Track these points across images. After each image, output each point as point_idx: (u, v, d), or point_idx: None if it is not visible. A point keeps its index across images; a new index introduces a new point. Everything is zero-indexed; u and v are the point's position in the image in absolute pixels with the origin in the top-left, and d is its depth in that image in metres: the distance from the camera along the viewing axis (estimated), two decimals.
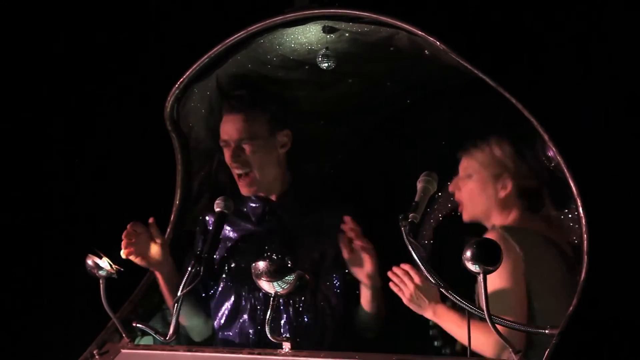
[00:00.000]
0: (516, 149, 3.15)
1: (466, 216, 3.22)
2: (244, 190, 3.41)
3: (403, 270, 3.10)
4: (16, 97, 4.18)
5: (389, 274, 3.14)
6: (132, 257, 3.28)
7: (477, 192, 3.17)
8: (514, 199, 3.14)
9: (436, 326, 3.16)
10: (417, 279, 3.08)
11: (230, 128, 3.37)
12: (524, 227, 3.06)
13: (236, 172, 3.39)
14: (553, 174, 3.11)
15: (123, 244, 3.27)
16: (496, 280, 2.87)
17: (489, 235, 3.01)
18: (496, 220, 3.15)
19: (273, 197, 3.46)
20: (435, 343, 3.27)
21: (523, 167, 3.14)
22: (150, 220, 3.33)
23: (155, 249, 3.32)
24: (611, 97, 3.24)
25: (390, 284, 3.14)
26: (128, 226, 3.29)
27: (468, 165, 3.20)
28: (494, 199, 3.15)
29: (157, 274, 3.39)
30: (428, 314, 3.09)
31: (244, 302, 3.39)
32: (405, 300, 3.11)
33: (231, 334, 3.39)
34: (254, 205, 3.46)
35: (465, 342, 2.98)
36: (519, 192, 3.14)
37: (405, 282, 3.09)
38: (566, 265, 3.02)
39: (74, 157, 4.19)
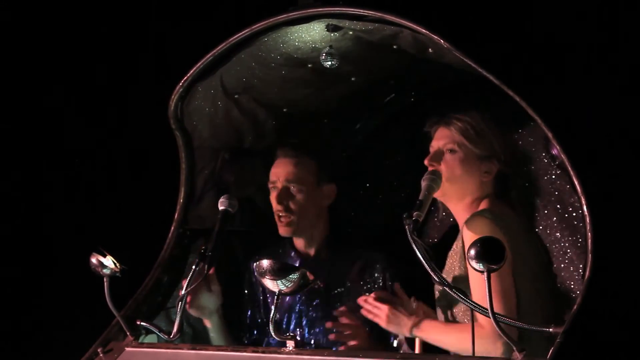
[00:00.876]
0: (502, 128, 3.11)
1: (438, 193, 3.09)
2: (282, 231, 3.48)
3: (373, 297, 3.13)
4: (17, 96, 4.19)
5: (360, 301, 3.17)
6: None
7: (459, 168, 3.09)
8: (491, 184, 3.12)
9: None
10: (389, 301, 3.12)
11: (280, 171, 3.48)
12: (504, 212, 3.04)
13: (278, 213, 3.46)
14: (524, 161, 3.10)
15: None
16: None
17: (475, 221, 2.98)
18: (465, 205, 3.10)
19: (311, 253, 3.51)
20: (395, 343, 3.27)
21: (506, 152, 3.11)
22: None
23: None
24: (613, 96, 3.23)
25: (363, 312, 3.16)
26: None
27: (450, 136, 3.11)
28: (476, 181, 3.10)
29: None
30: (409, 331, 3.09)
31: None
32: (383, 324, 3.12)
33: None
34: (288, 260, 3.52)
35: (450, 348, 3.00)
36: (497, 177, 3.11)
37: (378, 306, 3.11)
38: (545, 253, 3.02)
39: (76, 156, 4.19)
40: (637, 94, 3.22)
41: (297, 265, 3.45)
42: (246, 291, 3.59)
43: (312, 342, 3.41)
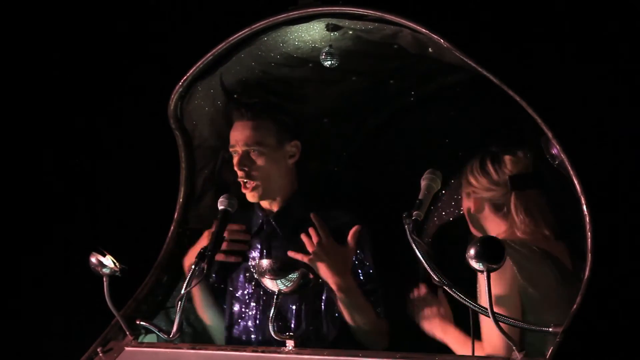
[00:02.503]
0: (479, 164, 3.13)
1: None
2: (249, 197, 3.40)
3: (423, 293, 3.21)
4: (17, 96, 4.19)
5: (412, 296, 3.24)
6: None
7: (484, 228, 3.17)
8: (485, 211, 3.13)
9: None
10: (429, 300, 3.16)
11: (238, 135, 3.38)
12: (519, 239, 3.05)
13: (242, 179, 3.39)
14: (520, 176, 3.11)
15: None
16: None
17: None
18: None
19: (274, 208, 3.44)
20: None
21: (483, 182, 3.12)
22: None
23: None
24: (614, 96, 3.23)
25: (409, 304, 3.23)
26: None
27: (465, 205, 3.22)
28: (498, 219, 3.13)
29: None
30: (438, 334, 3.16)
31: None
32: (420, 320, 3.19)
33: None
34: (254, 219, 3.46)
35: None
36: (488, 204, 3.13)
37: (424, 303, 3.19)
38: (560, 275, 3.01)
39: (76, 155, 4.19)
40: (637, 94, 3.22)
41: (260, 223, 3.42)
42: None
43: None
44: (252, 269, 3.36)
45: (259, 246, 3.42)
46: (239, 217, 3.44)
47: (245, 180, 3.37)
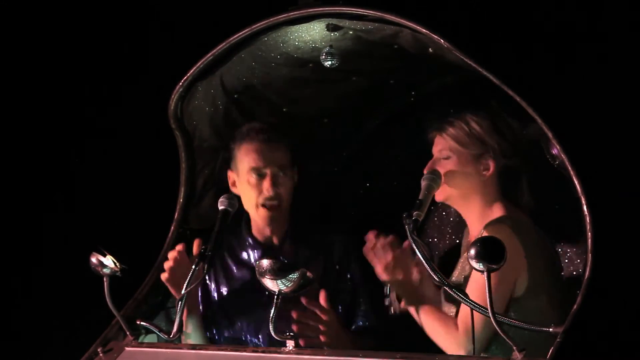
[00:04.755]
0: (494, 123, 3.09)
1: (441, 195, 3.11)
2: (269, 222, 3.39)
3: (385, 241, 3.06)
4: (17, 96, 4.19)
5: (370, 236, 3.09)
6: (167, 282, 3.31)
7: (457, 172, 3.09)
8: (495, 182, 3.10)
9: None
10: (397, 251, 3.04)
11: (266, 156, 3.37)
12: (522, 220, 3.04)
13: (268, 202, 3.37)
14: (531, 152, 3.09)
15: (166, 265, 3.29)
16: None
17: (498, 227, 2.98)
18: (475, 208, 3.10)
19: (275, 241, 3.44)
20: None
21: (503, 144, 3.09)
22: (195, 245, 3.31)
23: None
24: (614, 96, 3.23)
25: (366, 250, 3.09)
26: (177, 249, 3.31)
27: (444, 144, 3.12)
28: (476, 181, 3.10)
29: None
30: (400, 290, 3.08)
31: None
32: (379, 269, 3.06)
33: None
34: (253, 251, 3.46)
35: (428, 332, 3.00)
36: (500, 174, 3.10)
37: (384, 252, 3.05)
38: (554, 263, 3.02)
39: (77, 155, 4.19)
40: (638, 94, 3.22)
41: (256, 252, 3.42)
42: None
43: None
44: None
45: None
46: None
47: (273, 203, 3.37)
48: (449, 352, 2.90)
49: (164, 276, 3.31)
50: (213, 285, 3.47)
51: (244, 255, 3.47)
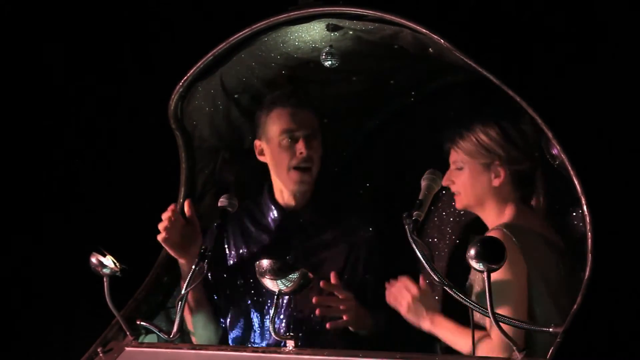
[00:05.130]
0: (502, 132, 3.10)
1: (459, 204, 3.17)
2: (299, 187, 3.38)
3: (400, 283, 3.12)
4: (17, 96, 4.19)
5: (387, 285, 3.16)
6: (165, 243, 3.29)
7: (469, 182, 3.13)
8: (508, 187, 3.11)
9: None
10: (414, 290, 3.09)
11: (301, 120, 3.35)
12: (525, 225, 3.05)
13: (303, 164, 3.36)
14: (543, 154, 3.09)
15: (161, 226, 3.27)
16: (498, 283, 2.86)
17: (493, 234, 3.00)
18: (491, 211, 3.12)
19: (298, 207, 3.43)
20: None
21: (512, 152, 3.10)
22: (187, 205, 3.31)
23: (188, 236, 3.31)
24: (614, 96, 3.23)
25: (387, 297, 3.15)
26: (170, 209, 3.29)
27: (457, 157, 3.15)
28: (488, 188, 3.11)
29: (182, 262, 3.37)
30: (426, 324, 3.09)
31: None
32: (403, 311, 3.12)
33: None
34: (274, 215, 3.46)
35: (463, 351, 2.99)
36: (512, 179, 3.11)
37: (402, 294, 3.11)
38: (564, 267, 3.02)
39: (77, 155, 4.19)
40: (638, 93, 3.22)
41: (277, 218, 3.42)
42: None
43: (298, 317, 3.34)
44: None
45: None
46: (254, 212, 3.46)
47: (305, 165, 3.35)
48: None
49: (160, 237, 3.28)
50: (233, 251, 3.46)
51: (265, 221, 3.46)
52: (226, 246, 3.48)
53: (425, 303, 3.10)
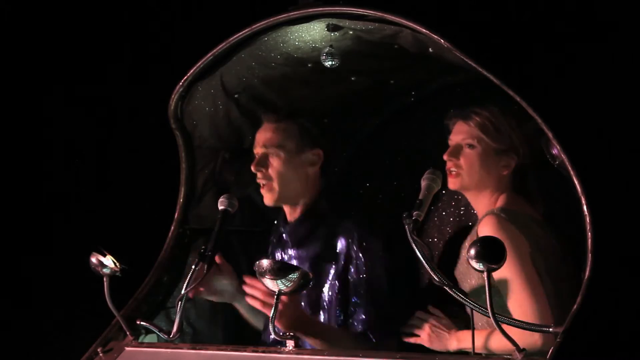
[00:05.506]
0: (518, 122, 3.09)
1: (457, 185, 3.13)
2: (264, 199, 3.40)
3: (412, 320, 3.16)
4: (18, 96, 4.19)
5: (404, 328, 3.18)
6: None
7: (477, 163, 3.11)
8: (511, 178, 3.12)
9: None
10: (430, 322, 3.13)
11: (260, 136, 3.39)
12: (519, 211, 3.04)
13: (258, 179, 3.39)
14: (543, 153, 3.10)
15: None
16: (508, 271, 2.87)
17: (488, 219, 3.00)
18: (485, 199, 3.11)
19: (292, 218, 3.42)
20: None
21: (525, 146, 3.10)
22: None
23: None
24: (614, 95, 3.23)
25: (405, 339, 3.18)
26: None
27: (468, 131, 3.12)
28: (494, 175, 3.11)
29: None
30: (453, 345, 3.11)
31: None
32: (427, 345, 3.14)
33: None
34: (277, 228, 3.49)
35: (495, 349, 3.00)
36: (517, 171, 3.12)
37: (418, 331, 3.15)
38: (561, 250, 3.03)
39: (77, 155, 4.19)
40: (638, 93, 3.22)
41: (284, 232, 3.42)
42: None
43: None
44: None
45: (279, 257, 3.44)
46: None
47: (261, 181, 3.38)
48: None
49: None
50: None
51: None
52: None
53: (443, 327, 3.12)
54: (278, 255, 3.44)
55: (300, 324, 3.11)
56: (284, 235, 3.45)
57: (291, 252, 3.41)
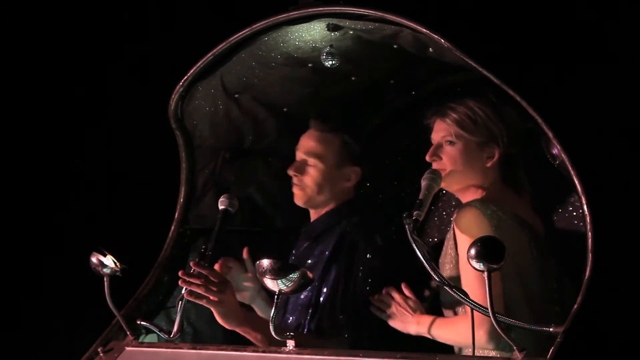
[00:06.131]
0: (497, 111, 3.08)
1: (443, 184, 3.10)
2: (295, 198, 3.44)
3: (382, 294, 3.16)
4: (18, 96, 4.19)
5: (373, 300, 3.18)
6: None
7: (460, 160, 3.10)
8: (496, 168, 3.11)
9: None
10: (396, 297, 3.13)
11: (304, 141, 3.43)
12: (499, 204, 3.02)
13: (293, 181, 3.43)
14: (531, 139, 3.09)
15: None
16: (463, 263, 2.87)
17: (464, 211, 2.99)
18: (471, 191, 3.11)
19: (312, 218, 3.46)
20: None
21: (507, 133, 3.08)
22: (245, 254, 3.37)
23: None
24: (615, 95, 3.23)
25: (371, 308, 3.19)
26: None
27: (447, 130, 3.10)
28: (479, 169, 3.10)
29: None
30: (412, 328, 3.13)
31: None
32: (389, 321, 3.16)
33: None
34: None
35: (451, 342, 3.04)
36: (501, 160, 3.10)
37: (385, 303, 3.15)
38: (536, 249, 3.02)
39: (77, 155, 4.19)
40: (638, 93, 3.22)
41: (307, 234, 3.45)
42: None
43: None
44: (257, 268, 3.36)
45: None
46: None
47: (294, 183, 3.42)
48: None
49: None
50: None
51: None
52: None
53: (408, 309, 3.13)
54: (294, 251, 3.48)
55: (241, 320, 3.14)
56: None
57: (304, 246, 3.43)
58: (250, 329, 3.19)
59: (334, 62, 3.25)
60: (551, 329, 2.68)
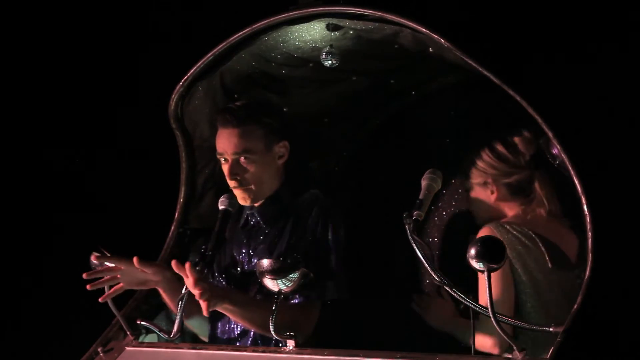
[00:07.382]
0: (490, 151, 3.19)
1: (479, 221, 3.26)
2: (241, 200, 3.35)
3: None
4: (18, 96, 4.19)
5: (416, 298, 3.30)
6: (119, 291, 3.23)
7: (477, 201, 3.25)
8: (507, 198, 3.19)
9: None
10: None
11: (226, 143, 3.31)
12: (515, 224, 3.09)
13: (234, 187, 3.33)
14: (538, 157, 3.13)
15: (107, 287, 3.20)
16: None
17: (483, 231, 3.08)
18: (487, 208, 3.23)
19: (258, 203, 3.39)
20: None
21: (502, 167, 3.17)
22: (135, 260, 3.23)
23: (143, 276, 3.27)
24: (615, 95, 3.23)
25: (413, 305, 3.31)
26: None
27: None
28: (490, 202, 3.22)
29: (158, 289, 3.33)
30: (449, 328, 3.21)
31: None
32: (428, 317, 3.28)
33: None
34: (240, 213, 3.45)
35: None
36: (508, 190, 3.18)
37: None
38: (556, 267, 3.04)
39: (77, 155, 4.19)
40: (638, 93, 3.23)
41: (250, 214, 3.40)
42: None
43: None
44: (240, 263, 3.34)
45: (244, 240, 3.41)
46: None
47: (236, 187, 3.33)
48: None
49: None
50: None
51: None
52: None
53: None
54: (246, 237, 3.41)
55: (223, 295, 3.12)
56: (251, 218, 3.42)
57: (264, 229, 3.39)
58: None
59: (333, 62, 3.25)
60: (551, 329, 2.68)
